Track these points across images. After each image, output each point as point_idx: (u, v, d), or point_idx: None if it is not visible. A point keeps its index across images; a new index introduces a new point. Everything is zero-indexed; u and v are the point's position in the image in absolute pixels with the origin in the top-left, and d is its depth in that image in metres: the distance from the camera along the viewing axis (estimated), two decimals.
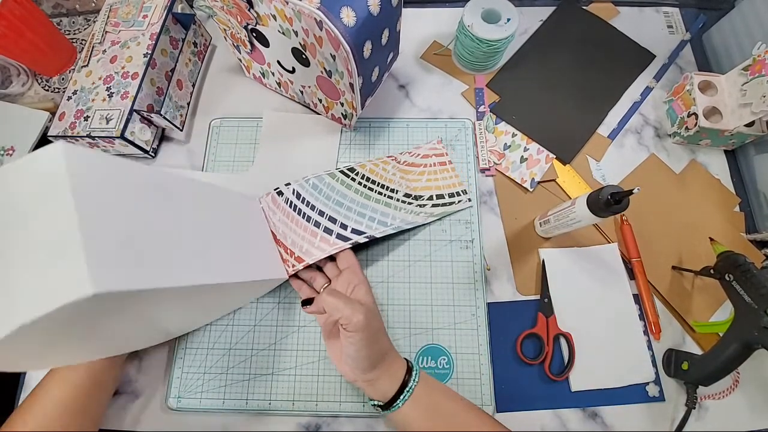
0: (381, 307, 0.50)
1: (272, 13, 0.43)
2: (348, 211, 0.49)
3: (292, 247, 0.45)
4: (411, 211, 0.51)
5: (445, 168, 0.55)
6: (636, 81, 0.62)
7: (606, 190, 0.40)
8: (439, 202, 0.53)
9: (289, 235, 0.46)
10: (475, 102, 0.60)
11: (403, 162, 0.55)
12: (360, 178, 0.52)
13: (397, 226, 0.49)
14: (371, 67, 0.48)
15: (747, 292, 0.42)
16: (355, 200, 0.50)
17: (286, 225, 0.47)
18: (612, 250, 0.52)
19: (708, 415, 0.47)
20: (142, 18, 0.57)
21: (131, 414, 0.46)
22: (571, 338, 0.48)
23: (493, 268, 0.52)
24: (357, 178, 0.52)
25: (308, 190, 0.49)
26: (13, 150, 0.56)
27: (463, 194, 0.54)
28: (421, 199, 0.53)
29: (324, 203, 0.48)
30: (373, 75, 0.50)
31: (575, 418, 0.46)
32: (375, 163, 0.54)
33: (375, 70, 0.50)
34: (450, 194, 0.54)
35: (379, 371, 0.39)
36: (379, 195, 0.51)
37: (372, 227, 0.48)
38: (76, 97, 0.54)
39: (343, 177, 0.51)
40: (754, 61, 0.50)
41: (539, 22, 0.65)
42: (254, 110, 0.60)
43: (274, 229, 0.47)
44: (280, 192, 0.48)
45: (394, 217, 0.50)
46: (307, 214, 0.47)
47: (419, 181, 0.54)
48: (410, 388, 0.39)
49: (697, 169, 0.57)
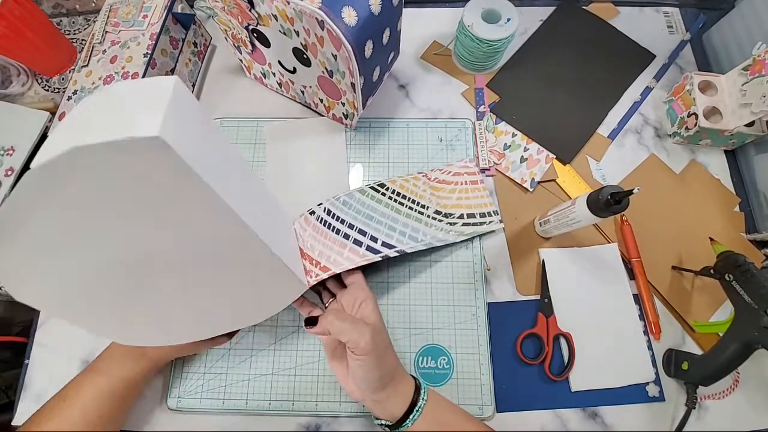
0: (381, 307, 0.49)
1: (273, 13, 0.43)
2: (378, 224, 0.48)
3: (319, 258, 0.43)
4: (441, 229, 0.51)
5: (477, 187, 0.55)
6: (636, 81, 0.62)
7: (606, 190, 0.40)
8: (470, 221, 0.52)
9: (317, 247, 0.44)
10: (475, 102, 0.60)
11: (434, 179, 0.55)
12: (390, 192, 0.51)
13: (428, 242, 0.48)
14: (372, 67, 0.48)
15: (747, 292, 0.42)
16: (385, 214, 0.49)
17: (314, 238, 0.45)
18: (612, 250, 0.52)
19: (708, 415, 0.47)
20: (142, 18, 0.57)
21: (131, 414, 0.46)
22: (571, 338, 0.48)
23: (493, 268, 0.52)
24: (387, 193, 0.51)
25: (339, 207, 0.48)
26: (13, 150, 0.56)
27: (494, 215, 0.53)
28: (451, 217, 0.52)
29: (354, 217, 0.47)
30: (374, 75, 0.50)
31: (575, 418, 0.46)
32: (405, 179, 0.53)
33: (376, 70, 0.50)
34: (481, 214, 0.53)
35: (387, 391, 0.38)
36: (410, 210, 0.50)
37: (402, 241, 0.47)
38: (76, 97, 0.54)
39: (373, 192, 0.50)
40: (754, 61, 0.50)
41: (539, 22, 0.65)
42: (254, 110, 0.60)
43: (302, 245, 0.45)
44: (312, 212, 0.47)
45: (425, 233, 0.49)
46: (336, 227, 0.46)
47: (450, 198, 0.53)
48: (419, 407, 0.37)
49: (697, 169, 0.57)
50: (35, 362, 0.49)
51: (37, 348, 0.50)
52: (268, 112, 0.60)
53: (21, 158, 0.56)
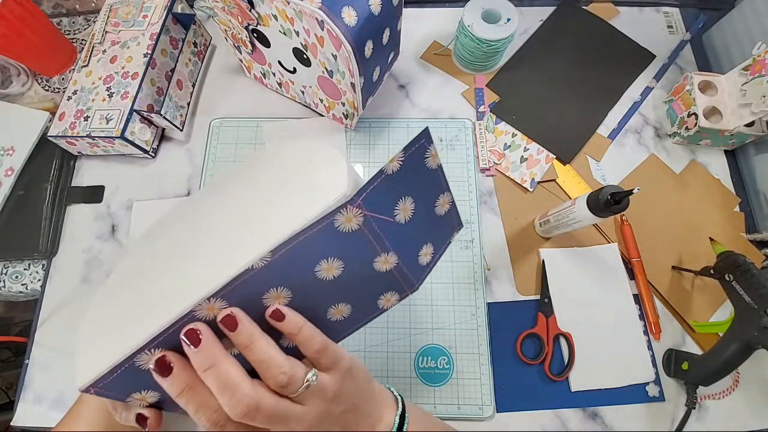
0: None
1: (273, 13, 0.43)
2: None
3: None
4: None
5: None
6: (636, 81, 0.62)
7: (606, 190, 0.40)
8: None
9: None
10: (475, 102, 0.60)
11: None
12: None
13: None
14: (372, 67, 0.48)
15: (747, 292, 0.42)
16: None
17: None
18: (612, 250, 0.52)
19: (708, 415, 0.47)
20: (142, 18, 0.57)
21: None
22: (571, 338, 0.48)
23: (493, 268, 0.52)
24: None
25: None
26: (13, 150, 0.56)
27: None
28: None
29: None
30: (374, 74, 0.50)
31: (575, 418, 0.46)
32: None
33: (376, 70, 0.50)
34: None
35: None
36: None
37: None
38: (76, 97, 0.54)
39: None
40: (754, 61, 0.50)
41: (539, 22, 0.65)
42: (254, 110, 0.60)
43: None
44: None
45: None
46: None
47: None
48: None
49: (697, 169, 0.57)
50: (35, 362, 0.49)
51: (37, 348, 0.50)
52: (268, 112, 0.60)
53: (21, 158, 0.56)
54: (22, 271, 0.54)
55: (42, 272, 0.53)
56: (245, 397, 0.22)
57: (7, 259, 0.54)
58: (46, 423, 0.47)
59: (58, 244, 0.54)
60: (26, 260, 0.54)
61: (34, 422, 0.47)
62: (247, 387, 0.23)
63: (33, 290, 0.53)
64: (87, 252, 0.54)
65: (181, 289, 0.25)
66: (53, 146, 0.56)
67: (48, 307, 0.52)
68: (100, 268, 0.53)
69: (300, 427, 0.24)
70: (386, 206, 0.26)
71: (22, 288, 0.53)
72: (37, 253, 0.53)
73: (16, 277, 0.54)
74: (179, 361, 0.23)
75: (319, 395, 0.25)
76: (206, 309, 0.23)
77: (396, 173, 0.26)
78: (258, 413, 0.23)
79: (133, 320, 0.26)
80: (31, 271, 0.54)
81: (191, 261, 0.28)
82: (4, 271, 0.54)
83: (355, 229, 0.24)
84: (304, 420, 0.24)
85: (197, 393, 0.23)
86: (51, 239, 0.53)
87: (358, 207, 0.23)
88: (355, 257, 0.25)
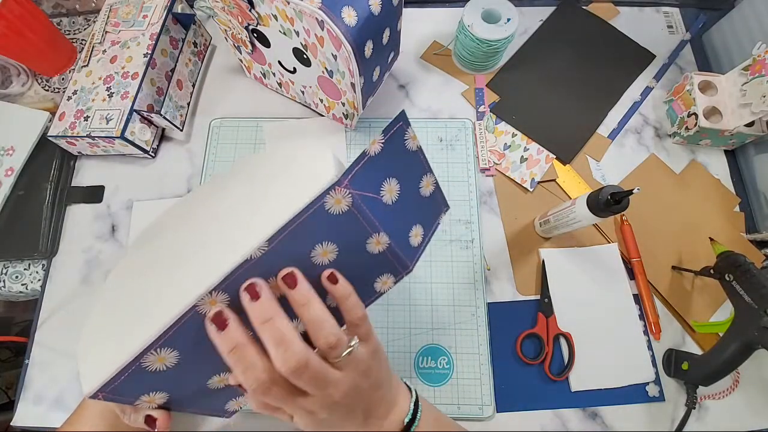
0: (381, 307, 0.49)
1: (273, 13, 0.43)
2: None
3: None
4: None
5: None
6: (636, 81, 0.62)
7: (606, 190, 0.40)
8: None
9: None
10: (475, 102, 0.60)
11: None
12: None
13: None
14: (372, 67, 0.48)
15: (747, 292, 0.42)
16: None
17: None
18: (612, 250, 0.52)
19: (708, 415, 0.47)
20: (142, 18, 0.57)
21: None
22: (571, 338, 0.48)
23: (493, 268, 0.52)
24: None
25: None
26: (13, 150, 0.56)
27: None
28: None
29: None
30: (374, 74, 0.50)
31: (575, 418, 0.46)
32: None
33: (376, 70, 0.50)
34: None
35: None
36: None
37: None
38: (76, 97, 0.54)
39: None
40: (754, 61, 0.50)
41: (539, 22, 0.65)
42: (254, 110, 0.60)
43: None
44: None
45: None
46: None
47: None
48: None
49: (697, 169, 0.57)
50: (35, 362, 0.49)
51: (37, 348, 0.50)
52: (268, 112, 0.60)
53: (21, 158, 0.56)
54: (22, 271, 0.54)
55: (42, 272, 0.53)
56: (299, 352, 0.23)
57: (7, 259, 0.54)
58: (46, 423, 0.47)
59: (58, 244, 0.54)
60: (26, 260, 0.54)
61: (34, 422, 0.47)
62: (300, 344, 0.24)
63: (33, 290, 0.53)
64: (87, 252, 0.54)
65: (181, 287, 0.25)
66: (53, 146, 0.56)
67: (48, 307, 0.52)
68: (100, 268, 0.53)
69: (336, 393, 0.25)
70: (372, 186, 0.27)
71: (22, 288, 0.53)
72: (37, 253, 0.53)
73: (16, 277, 0.54)
74: (235, 319, 0.24)
75: (355, 365, 0.26)
76: (208, 303, 0.24)
77: (378, 155, 0.27)
78: (306, 370, 0.23)
79: (136, 321, 0.26)
80: (31, 271, 0.54)
81: (188, 260, 0.28)
82: (4, 271, 0.54)
83: (345, 211, 0.25)
84: (340, 387, 0.26)
85: (247, 352, 0.23)
86: (51, 239, 0.53)
87: (345, 187, 0.24)
88: (348, 239, 0.26)
